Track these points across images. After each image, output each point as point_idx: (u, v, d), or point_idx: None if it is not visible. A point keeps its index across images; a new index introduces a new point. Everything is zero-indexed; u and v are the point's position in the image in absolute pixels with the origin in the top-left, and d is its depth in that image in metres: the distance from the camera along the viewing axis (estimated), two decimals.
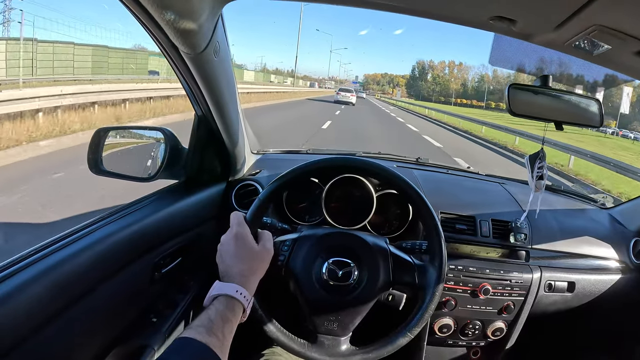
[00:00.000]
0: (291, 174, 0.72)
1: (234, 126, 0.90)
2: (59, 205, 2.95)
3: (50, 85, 7.56)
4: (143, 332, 0.75)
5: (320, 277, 0.71)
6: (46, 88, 6.61)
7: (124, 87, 8.82)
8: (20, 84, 9.13)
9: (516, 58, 0.73)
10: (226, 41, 0.73)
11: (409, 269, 0.73)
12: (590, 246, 1.06)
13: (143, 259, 0.73)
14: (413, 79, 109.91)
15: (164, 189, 0.90)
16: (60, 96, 6.38)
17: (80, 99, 6.93)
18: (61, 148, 4.97)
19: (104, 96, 7.72)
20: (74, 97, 6.74)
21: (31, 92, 6.04)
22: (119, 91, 8.33)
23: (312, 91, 32.30)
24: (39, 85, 7.96)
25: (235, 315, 0.57)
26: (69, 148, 5.00)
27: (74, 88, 7.01)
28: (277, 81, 50.45)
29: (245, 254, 0.63)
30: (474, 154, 9.13)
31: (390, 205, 1.03)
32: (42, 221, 2.63)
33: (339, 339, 0.71)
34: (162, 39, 0.58)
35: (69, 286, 0.56)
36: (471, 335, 1.01)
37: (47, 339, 0.53)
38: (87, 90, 7.36)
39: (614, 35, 0.54)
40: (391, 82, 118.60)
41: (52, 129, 5.35)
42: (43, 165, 4.26)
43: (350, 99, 22.81)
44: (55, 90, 6.44)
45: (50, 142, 4.97)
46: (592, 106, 0.77)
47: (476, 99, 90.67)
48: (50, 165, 4.13)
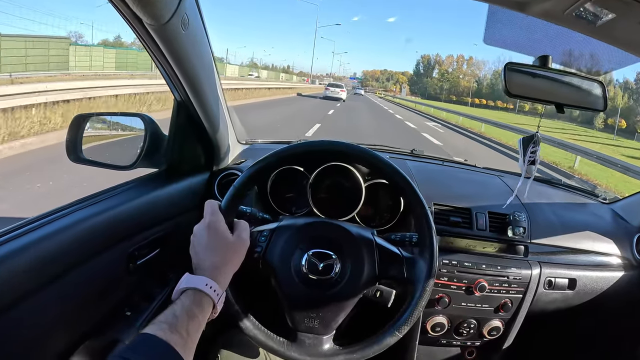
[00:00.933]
0: (266, 160, 0.68)
1: (214, 113, 0.87)
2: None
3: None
4: (116, 326, 0.73)
5: (300, 270, 0.66)
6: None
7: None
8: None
9: (512, 36, 0.68)
10: (200, 17, 0.70)
11: (396, 262, 0.68)
12: (591, 241, 1.01)
13: (117, 248, 0.70)
14: (417, 75, 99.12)
15: (143, 176, 0.87)
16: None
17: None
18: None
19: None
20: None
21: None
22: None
23: (296, 88, 29.40)
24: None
25: (203, 311, 0.53)
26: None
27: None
28: (264, 76, 45.35)
29: (217, 244, 0.59)
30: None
31: (381, 197, 0.98)
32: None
33: (321, 337, 0.67)
34: (123, 7, 0.55)
35: (38, 270, 0.55)
36: (466, 335, 0.97)
37: (13, 323, 0.51)
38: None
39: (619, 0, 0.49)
40: (391, 79, 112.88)
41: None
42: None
43: (340, 94, 21.41)
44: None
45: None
46: (595, 89, 0.73)
47: (492, 98, 73.37)
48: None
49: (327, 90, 22.29)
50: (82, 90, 6.96)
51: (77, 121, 0.84)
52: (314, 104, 17.34)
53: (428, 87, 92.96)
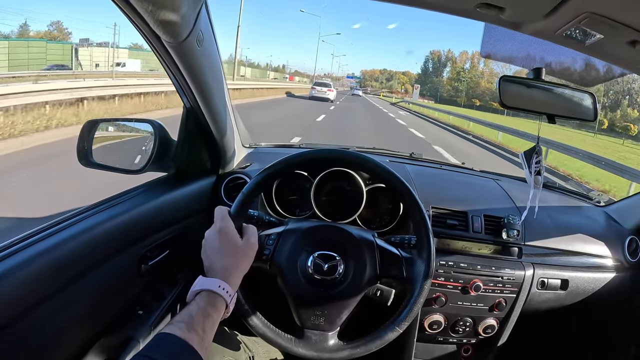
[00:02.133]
0: (273, 167, 0.71)
1: (222, 119, 0.90)
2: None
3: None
4: (129, 324, 0.75)
5: (306, 271, 0.70)
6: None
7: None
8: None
9: (508, 49, 0.72)
10: (212, 32, 0.73)
11: (396, 262, 0.72)
12: (584, 244, 1.04)
13: (130, 251, 0.73)
14: (425, 75, 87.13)
15: (152, 181, 0.89)
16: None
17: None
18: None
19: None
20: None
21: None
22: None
23: (283, 88, 25.05)
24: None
25: (217, 311, 0.57)
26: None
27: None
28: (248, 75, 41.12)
29: (228, 248, 0.63)
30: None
31: (382, 200, 1.02)
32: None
33: (326, 334, 0.71)
34: (144, 27, 0.58)
35: (53, 275, 0.57)
36: (462, 332, 1.00)
37: (32, 327, 0.53)
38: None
39: (606, 24, 0.52)
40: (391, 79, 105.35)
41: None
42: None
43: (328, 94, 19.36)
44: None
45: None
46: (585, 100, 0.76)
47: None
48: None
49: (314, 90, 20.16)
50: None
51: (88, 127, 0.86)
52: (300, 109, 13.85)
53: (440, 88, 79.11)
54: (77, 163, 0.84)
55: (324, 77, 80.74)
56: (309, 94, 20.38)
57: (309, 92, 20.99)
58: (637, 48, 0.57)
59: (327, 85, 20.79)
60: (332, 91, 20.22)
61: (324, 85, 20.96)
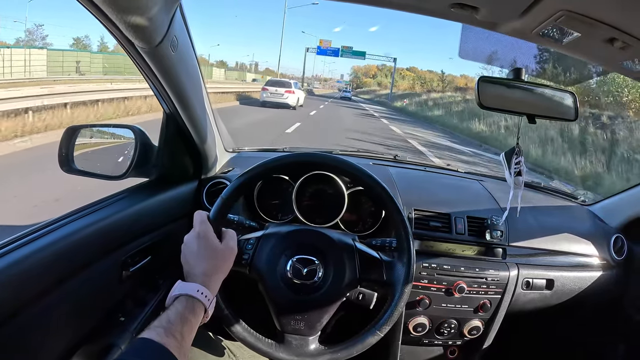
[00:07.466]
0: (252, 171, 0.71)
1: (202, 124, 0.89)
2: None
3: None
4: (111, 332, 0.74)
5: (285, 276, 0.69)
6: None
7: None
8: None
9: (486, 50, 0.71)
10: (188, 36, 0.72)
11: (375, 266, 0.72)
12: (570, 243, 1.04)
13: (110, 257, 0.72)
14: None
15: (134, 186, 0.89)
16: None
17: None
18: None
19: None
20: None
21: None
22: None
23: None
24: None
25: (195, 316, 0.56)
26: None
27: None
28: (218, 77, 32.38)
29: (207, 253, 0.63)
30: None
31: (364, 203, 1.01)
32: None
33: (307, 338, 0.70)
34: (116, 32, 0.57)
35: (32, 283, 0.56)
36: (447, 334, 1.00)
37: (13, 332, 0.53)
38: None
39: (582, 22, 0.52)
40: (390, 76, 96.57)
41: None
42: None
43: (287, 99, 13.51)
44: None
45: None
46: (566, 99, 0.75)
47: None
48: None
49: (265, 92, 13.83)
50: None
51: (69, 133, 0.85)
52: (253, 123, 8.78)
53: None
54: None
55: (310, 79, 66.37)
56: (260, 98, 14.21)
57: (259, 95, 14.66)
58: (615, 45, 0.57)
59: (285, 85, 14.27)
60: (293, 93, 13.89)
61: (281, 84, 14.36)
